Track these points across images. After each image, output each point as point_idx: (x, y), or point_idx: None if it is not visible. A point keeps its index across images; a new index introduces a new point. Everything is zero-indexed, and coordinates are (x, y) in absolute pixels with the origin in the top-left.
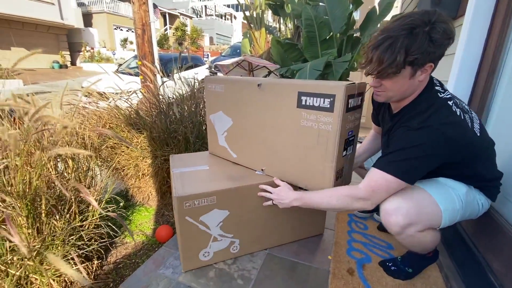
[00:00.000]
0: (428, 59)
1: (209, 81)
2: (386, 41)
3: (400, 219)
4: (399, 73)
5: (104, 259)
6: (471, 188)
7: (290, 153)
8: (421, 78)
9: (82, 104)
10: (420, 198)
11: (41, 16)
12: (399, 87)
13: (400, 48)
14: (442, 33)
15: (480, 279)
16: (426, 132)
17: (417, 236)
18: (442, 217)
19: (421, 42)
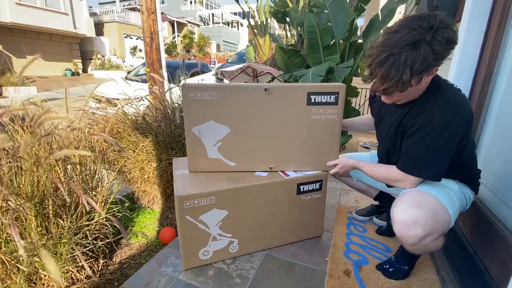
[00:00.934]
0: (432, 67)
1: (191, 89)
2: (389, 59)
3: (419, 232)
4: (406, 90)
5: (110, 258)
6: (459, 183)
7: (301, 144)
8: (428, 80)
9: (92, 110)
10: (433, 206)
11: (55, 26)
12: (406, 95)
13: (404, 66)
14: (444, 43)
15: (476, 282)
16: (452, 114)
17: (430, 245)
18: (451, 220)
19: (424, 56)
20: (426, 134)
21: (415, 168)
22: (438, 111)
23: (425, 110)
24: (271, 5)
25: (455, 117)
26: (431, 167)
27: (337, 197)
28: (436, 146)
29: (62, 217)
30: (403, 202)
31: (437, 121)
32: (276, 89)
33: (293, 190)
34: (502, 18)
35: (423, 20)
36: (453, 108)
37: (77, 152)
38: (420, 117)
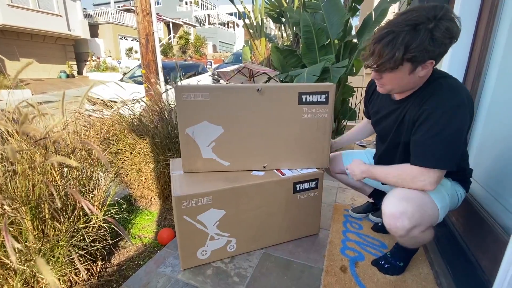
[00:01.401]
0: (427, 57)
1: (184, 90)
2: (388, 35)
3: (406, 223)
4: (397, 68)
5: (108, 261)
6: (451, 181)
7: (294, 143)
8: (422, 74)
9: (88, 112)
10: (421, 199)
11: (49, 28)
12: (399, 81)
13: (400, 44)
14: (443, 32)
15: (468, 275)
16: (455, 105)
17: (418, 237)
18: (439, 214)
19: (421, 40)
20: (436, 120)
21: (431, 160)
22: (446, 95)
23: (431, 96)
24: (266, 5)
25: (465, 99)
26: (446, 156)
27: (333, 195)
28: (448, 132)
29: (59, 220)
30: (392, 196)
31: (448, 103)
32: (268, 90)
33: (289, 189)
34: (489, 18)
35: (430, 9)
36: (460, 92)
37: (68, 161)
38: (426, 105)
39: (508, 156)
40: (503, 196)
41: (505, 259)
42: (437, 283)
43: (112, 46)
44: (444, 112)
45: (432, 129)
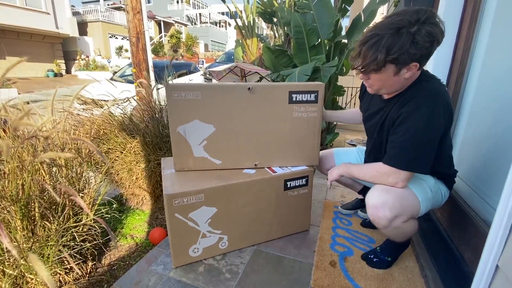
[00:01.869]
0: (410, 59)
1: (175, 89)
2: (372, 38)
3: (387, 213)
4: (380, 70)
5: (99, 261)
6: (437, 180)
7: (284, 141)
8: (407, 75)
9: (77, 111)
10: (401, 191)
11: (36, 26)
12: (384, 82)
13: (383, 47)
14: (425, 35)
15: (452, 267)
16: (431, 107)
17: (401, 227)
18: (420, 207)
19: (403, 42)
20: (412, 124)
21: (402, 161)
22: (424, 100)
23: (410, 100)
24: (257, 5)
25: (440, 106)
26: (418, 160)
27: (324, 193)
28: (423, 137)
29: (49, 219)
30: (374, 189)
31: (424, 108)
32: (259, 89)
33: (280, 186)
34: (472, 20)
35: (414, 12)
36: (438, 98)
37: (62, 155)
38: (405, 107)
39: (489, 153)
40: (483, 191)
41: (485, 251)
42: (422, 276)
43: (101, 45)
44: (420, 117)
45: (407, 132)
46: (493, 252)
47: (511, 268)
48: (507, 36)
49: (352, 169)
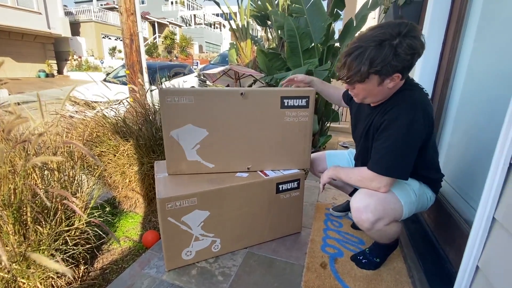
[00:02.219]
0: (392, 70)
1: (168, 94)
2: (356, 50)
3: (370, 216)
4: (364, 81)
5: (91, 265)
6: (422, 184)
7: (276, 145)
8: (390, 85)
9: (69, 114)
10: (384, 195)
11: (28, 26)
12: (369, 92)
13: (366, 59)
14: (406, 48)
15: (438, 268)
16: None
17: (384, 230)
18: (403, 210)
19: (385, 55)
20: (393, 132)
21: (383, 168)
22: (404, 109)
23: (392, 108)
24: (251, 8)
25: (420, 115)
26: (398, 166)
27: (316, 195)
28: (401, 144)
29: (41, 223)
30: (359, 192)
31: (405, 117)
32: (251, 94)
33: (272, 189)
34: (456, 29)
35: (396, 26)
36: (418, 107)
37: (53, 159)
38: (387, 115)
39: (473, 157)
40: (468, 194)
41: (466, 252)
42: (409, 276)
43: (94, 45)
44: (400, 125)
45: (389, 139)
46: (473, 253)
47: (490, 268)
48: (490, 45)
49: (340, 173)
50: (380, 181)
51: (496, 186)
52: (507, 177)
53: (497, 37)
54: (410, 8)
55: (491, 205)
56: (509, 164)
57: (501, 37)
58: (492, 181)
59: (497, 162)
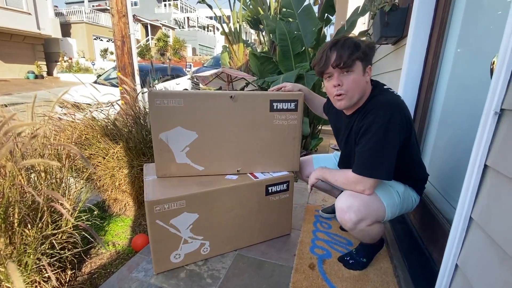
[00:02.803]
0: (368, 60)
1: (157, 96)
2: (338, 41)
3: (352, 216)
4: (353, 67)
5: (79, 269)
6: (407, 186)
7: (266, 148)
8: (367, 79)
9: (58, 116)
10: (367, 197)
11: (17, 26)
12: (357, 84)
13: (351, 44)
14: (368, 40)
15: (422, 267)
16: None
17: (366, 230)
18: (385, 212)
19: (363, 44)
20: (372, 134)
21: (367, 169)
22: (381, 111)
23: (369, 112)
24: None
25: (396, 115)
26: (381, 167)
27: (306, 197)
28: (382, 145)
29: (27, 227)
30: (343, 193)
31: (381, 119)
32: (241, 97)
33: (261, 191)
34: (439, 35)
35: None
36: (394, 107)
37: (43, 161)
38: (364, 120)
39: (455, 158)
40: (451, 195)
41: (446, 251)
42: (395, 276)
43: (85, 47)
44: (378, 128)
45: (369, 142)
46: (452, 252)
47: (468, 267)
48: (471, 50)
49: (326, 174)
50: (364, 184)
51: (472, 187)
52: (483, 178)
53: (478, 42)
54: (395, 15)
55: (468, 205)
56: (484, 166)
57: (481, 42)
58: (469, 182)
59: (473, 164)
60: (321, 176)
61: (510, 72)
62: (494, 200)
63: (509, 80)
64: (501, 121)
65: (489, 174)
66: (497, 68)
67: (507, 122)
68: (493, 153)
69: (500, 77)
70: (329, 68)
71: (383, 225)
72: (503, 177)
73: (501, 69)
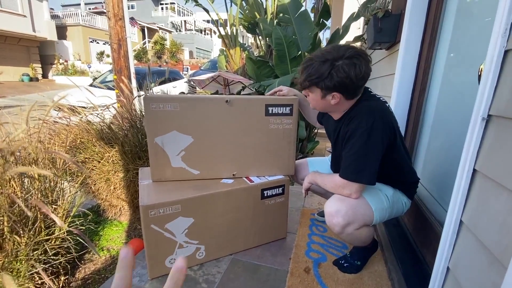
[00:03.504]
0: (328, 88)
1: (153, 101)
2: (307, 62)
3: (340, 220)
4: (309, 89)
5: (72, 275)
6: (396, 190)
7: (261, 152)
8: (333, 102)
9: (53, 119)
10: (355, 201)
11: (11, 28)
12: (316, 102)
13: (308, 71)
14: (338, 71)
15: (416, 270)
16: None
17: (355, 234)
18: (374, 216)
19: (322, 73)
20: (356, 139)
21: (351, 174)
22: (365, 117)
23: (353, 118)
24: (240, 16)
25: (379, 120)
26: (364, 171)
27: (302, 201)
28: (365, 150)
29: (18, 233)
30: (332, 198)
31: (364, 124)
32: (236, 101)
33: (257, 195)
34: (431, 41)
35: (344, 49)
36: (377, 113)
37: (32, 170)
38: (350, 125)
39: (447, 162)
40: (443, 198)
41: (438, 254)
42: (389, 279)
43: (82, 49)
44: (362, 133)
45: (353, 147)
46: (444, 255)
47: (459, 269)
48: (462, 56)
49: (317, 178)
50: (350, 188)
51: (462, 190)
52: (472, 182)
53: (468, 48)
54: (389, 21)
55: (459, 208)
56: (473, 170)
57: (472, 48)
58: (459, 186)
59: (462, 168)
60: (312, 180)
61: (496, 79)
62: (483, 204)
63: (495, 86)
64: (489, 127)
65: (478, 178)
66: (483, 74)
67: (494, 127)
68: (481, 158)
69: (487, 84)
70: None
71: (372, 228)
72: (491, 181)
73: (487, 75)
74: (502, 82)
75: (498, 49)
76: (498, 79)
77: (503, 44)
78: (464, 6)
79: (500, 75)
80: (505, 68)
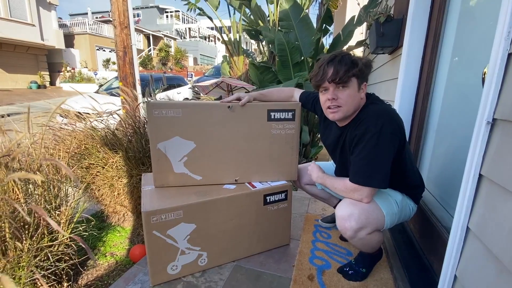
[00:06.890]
0: (363, 77)
1: (155, 107)
2: (336, 57)
3: (353, 224)
4: (348, 84)
5: (75, 281)
6: (404, 195)
7: (264, 157)
8: (362, 95)
9: (58, 125)
10: (367, 205)
11: (20, 37)
12: (352, 99)
13: (348, 60)
14: (361, 59)
15: (422, 278)
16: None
17: (366, 238)
18: (385, 220)
19: (360, 62)
20: (365, 143)
21: (362, 178)
22: (373, 120)
23: (361, 122)
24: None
25: (388, 123)
26: (375, 176)
27: (306, 206)
28: (375, 153)
29: (20, 239)
30: (344, 201)
31: (373, 128)
32: (238, 107)
33: (259, 201)
34: (434, 45)
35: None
36: (385, 116)
37: (32, 176)
38: (358, 129)
39: (452, 167)
40: (448, 203)
41: (445, 261)
42: (395, 287)
43: (88, 57)
44: (371, 137)
45: (362, 152)
46: (451, 262)
47: (467, 278)
48: (465, 60)
49: (326, 181)
50: (361, 192)
51: (468, 196)
52: (478, 187)
53: (472, 51)
54: (391, 25)
55: (465, 214)
56: (478, 175)
57: (475, 51)
58: (465, 191)
59: (468, 173)
60: (322, 181)
61: (500, 82)
62: (490, 210)
63: (500, 89)
64: (494, 131)
65: (484, 183)
66: (487, 78)
67: (499, 131)
68: (487, 163)
69: (491, 87)
70: (325, 82)
71: (382, 233)
72: (498, 187)
73: (491, 79)
74: (506, 86)
75: (501, 52)
76: (502, 83)
77: (507, 47)
78: (466, 10)
79: (504, 78)
80: (509, 71)
